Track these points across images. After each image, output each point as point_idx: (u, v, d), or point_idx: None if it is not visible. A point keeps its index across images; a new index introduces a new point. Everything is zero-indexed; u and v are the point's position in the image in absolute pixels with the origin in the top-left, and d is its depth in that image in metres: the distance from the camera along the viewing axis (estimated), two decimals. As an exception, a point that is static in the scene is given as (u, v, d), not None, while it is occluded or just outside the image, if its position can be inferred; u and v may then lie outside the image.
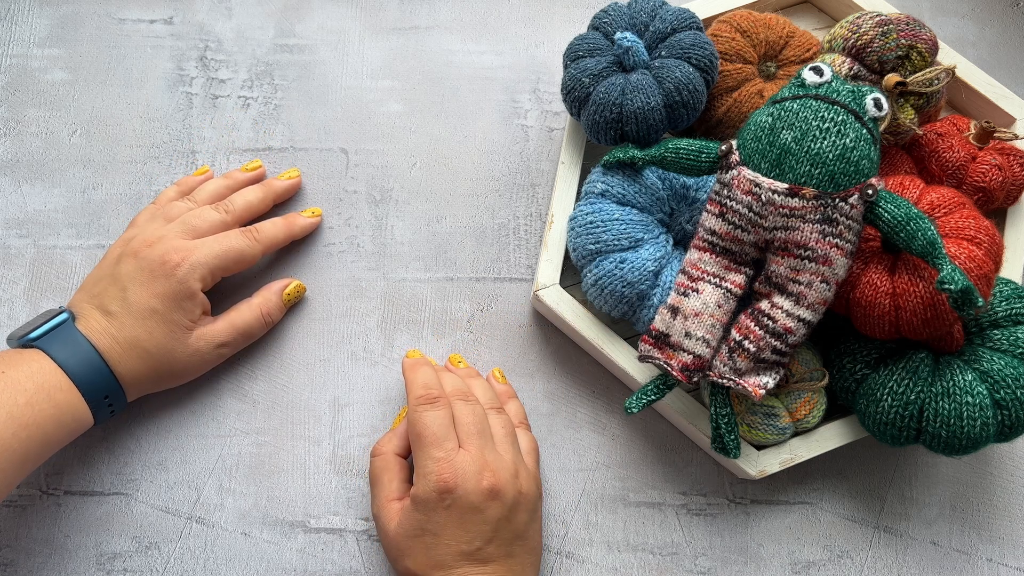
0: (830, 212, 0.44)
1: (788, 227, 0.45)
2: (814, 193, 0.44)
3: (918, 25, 0.54)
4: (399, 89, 0.66)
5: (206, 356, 0.55)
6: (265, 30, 0.67)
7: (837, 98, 0.44)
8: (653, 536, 0.58)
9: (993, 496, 0.60)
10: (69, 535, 0.56)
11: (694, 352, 0.48)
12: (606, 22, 0.56)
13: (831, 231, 0.44)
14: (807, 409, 0.54)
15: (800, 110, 0.44)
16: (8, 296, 0.60)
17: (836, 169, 0.43)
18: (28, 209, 0.62)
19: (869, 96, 0.44)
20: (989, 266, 0.48)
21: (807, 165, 0.43)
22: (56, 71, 0.66)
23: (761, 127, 0.45)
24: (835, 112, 0.44)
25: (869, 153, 0.44)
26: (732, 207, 0.46)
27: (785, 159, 0.44)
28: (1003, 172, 0.55)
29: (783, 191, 0.44)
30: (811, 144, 0.43)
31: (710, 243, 0.48)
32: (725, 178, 0.46)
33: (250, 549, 0.56)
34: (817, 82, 0.45)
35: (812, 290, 0.46)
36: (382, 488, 0.52)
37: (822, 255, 0.45)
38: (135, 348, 0.52)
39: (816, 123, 0.43)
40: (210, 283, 0.55)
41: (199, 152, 0.64)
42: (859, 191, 0.44)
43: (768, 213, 0.45)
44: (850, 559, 0.58)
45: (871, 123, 0.44)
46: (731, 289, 0.48)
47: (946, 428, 0.50)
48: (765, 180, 0.44)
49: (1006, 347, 0.51)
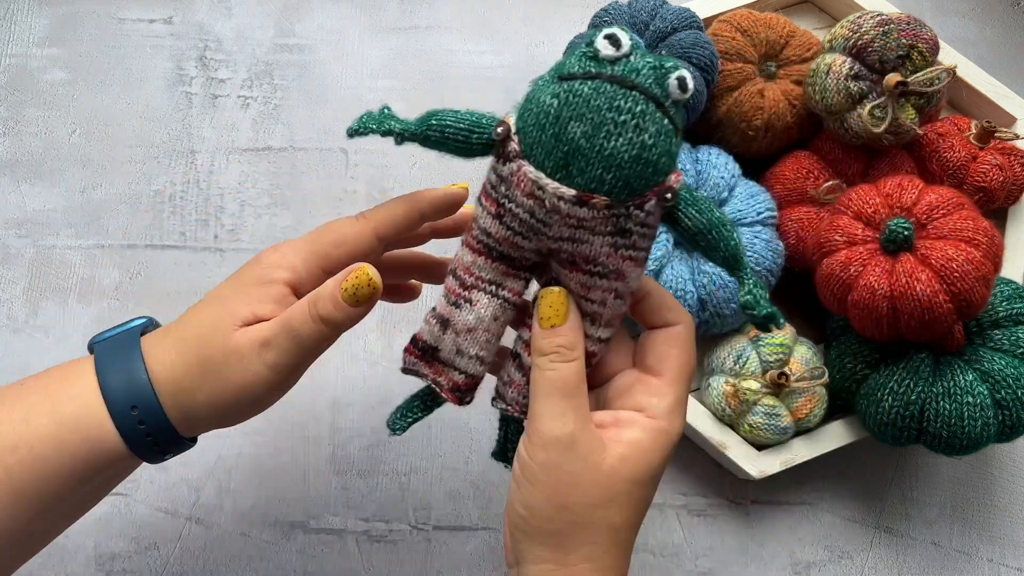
0: (623, 223, 0.36)
1: (576, 239, 0.37)
2: (606, 203, 0.35)
3: (919, 25, 0.54)
4: (399, 89, 0.66)
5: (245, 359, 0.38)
6: (265, 30, 0.67)
7: (637, 80, 0.34)
8: (654, 537, 0.58)
9: (994, 496, 0.60)
10: (70, 535, 0.56)
11: (467, 372, 0.40)
12: (606, 21, 0.56)
13: (624, 243, 0.37)
14: (808, 408, 0.54)
15: (592, 97, 0.34)
16: (7, 296, 0.60)
17: (632, 172, 0.35)
18: (27, 209, 0.62)
19: (673, 75, 0.35)
20: (987, 268, 0.48)
21: (599, 168, 0.35)
22: (56, 71, 0.66)
23: (546, 112, 0.35)
24: (634, 101, 0.34)
25: (670, 148, 0.35)
26: (511, 209, 0.37)
27: (574, 159, 0.35)
28: (1004, 172, 0.55)
29: (571, 199, 0.35)
30: (604, 142, 0.34)
31: (486, 245, 0.39)
32: (503, 171, 0.37)
33: (250, 549, 0.56)
34: (613, 56, 0.35)
35: (607, 308, 0.39)
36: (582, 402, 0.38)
37: (615, 270, 0.37)
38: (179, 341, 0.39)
39: (611, 115, 0.34)
40: (304, 276, 0.40)
41: (198, 152, 0.64)
42: (656, 195, 0.36)
43: (553, 222, 0.36)
44: (851, 559, 0.58)
45: (673, 108, 0.35)
46: (509, 298, 0.40)
47: (947, 428, 0.50)
48: (550, 183, 0.35)
49: (1007, 347, 0.51)
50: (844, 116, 0.54)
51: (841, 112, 0.54)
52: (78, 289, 0.61)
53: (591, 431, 0.37)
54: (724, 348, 0.55)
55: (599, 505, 0.37)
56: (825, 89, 0.53)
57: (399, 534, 0.57)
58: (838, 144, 0.57)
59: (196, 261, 0.62)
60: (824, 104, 0.54)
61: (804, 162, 0.57)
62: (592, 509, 0.37)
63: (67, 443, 0.38)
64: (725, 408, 0.54)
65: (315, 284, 0.39)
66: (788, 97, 0.56)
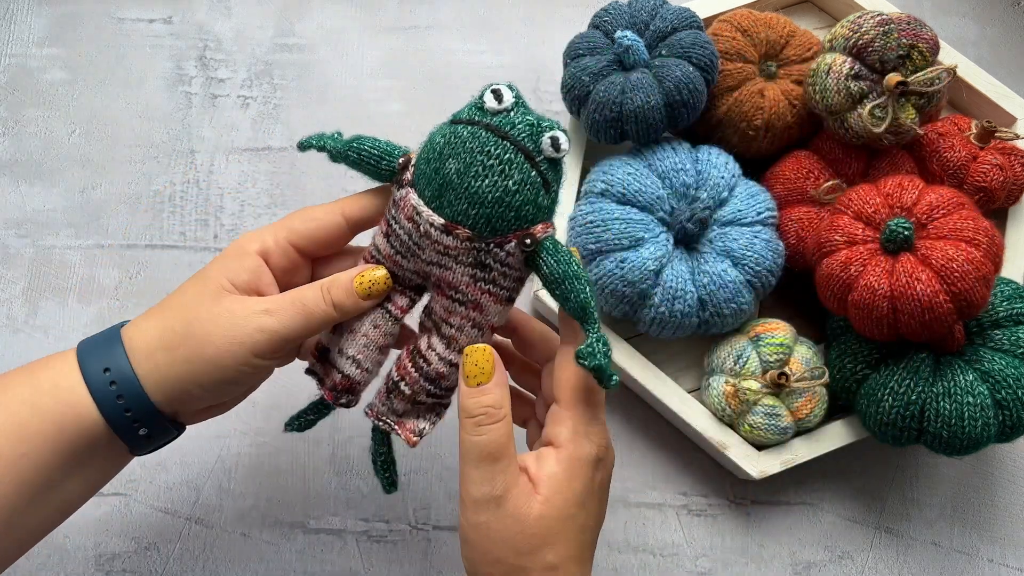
0: (483, 257, 0.40)
1: (442, 264, 0.41)
2: (467, 235, 0.39)
3: (919, 25, 0.54)
4: (399, 89, 0.66)
5: (239, 320, 0.39)
6: (265, 30, 0.67)
7: (510, 131, 0.38)
8: (653, 537, 0.58)
9: (994, 496, 0.60)
10: (69, 535, 0.56)
11: (343, 371, 0.44)
12: (607, 21, 0.56)
13: (483, 276, 0.40)
14: (808, 408, 0.54)
15: (468, 139, 0.38)
16: (7, 296, 0.60)
17: (494, 212, 0.39)
18: (27, 209, 0.62)
19: (546, 134, 0.39)
20: (988, 267, 0.48)
21: (465, 203, 0.39)
22: (55, 71, 0.66)
23: (433, 148, 0.40)
24: (503, 148, 0.38)
25: (535, 199, 0.39)
26: (396, 230, 0.41)
27: (446, 191, 0.39)
28: (1004, 172, 0.55)
29: (439, 226, 0.39)
30: (473, 180, 0.38)
31: (376, 261, 0.43)
32: (396, 195, 0.41)
33: (250, 550, 0.56)
34: (494, 108, 0.39)
35: (463, 334, 0.42)
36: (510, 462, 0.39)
37: (472, 300, 0.41)
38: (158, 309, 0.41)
39: (481, 158, 0.38)
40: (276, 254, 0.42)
41: (198, 152, 0.64)
42: (517, 239, 0.39)
43: (426, 246, 0.40)
44: (851, 560, 0.58)
45: (545, 164, 0.39)
46: (391, 310, 0.43)
47: (947, 428, 0.50)
48: (425, 210, 0.39)
49: (1007, 347, 0.51)
50: (844, 116, 0.54)
51: (841, 112, 0.54)
52: (78, 289, 0.61)
53: (519, 485, 0.39)
54: (724, 348, 0.55)
55: (531, 552, 0.38)
56: (825, 89, 0.53)
57: (399, 534, 0.57)
58: (838, 144, 0.57)
59: (196, 261, 0.62)
60: (824, 104, 0.54)
61: (804, 162, 0.57)
62: (524, 558, 0.38)
63: (41, 407, 0.38)
64: (725, 408, 0.54)
65: (284, 255, 0.42)
66: (788, 97, 0.56)
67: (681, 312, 0.53)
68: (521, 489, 0.39)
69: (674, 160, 0.55)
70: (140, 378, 0.39)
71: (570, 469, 0.39)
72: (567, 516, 0.39)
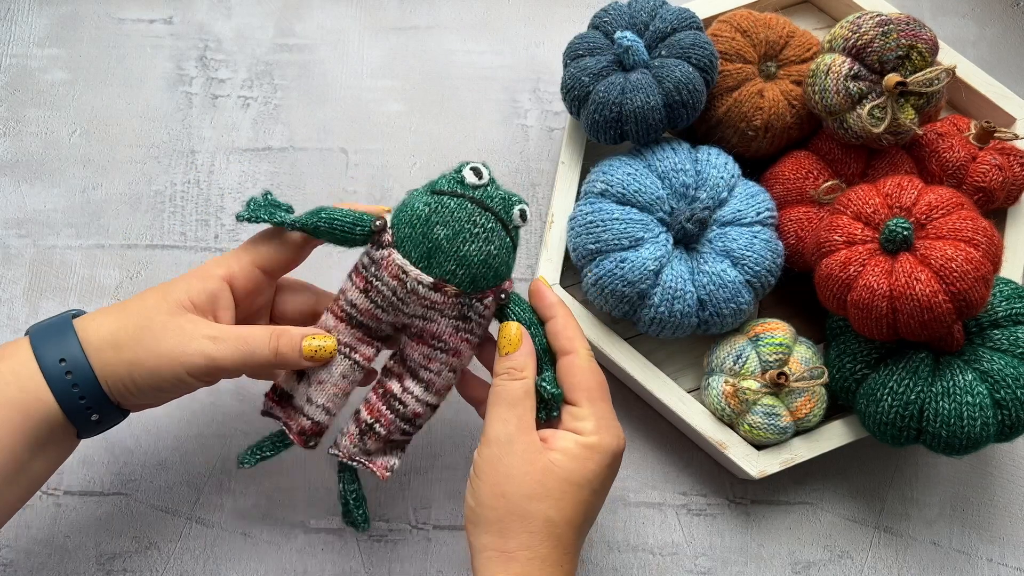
0: (466, 310, 0.46)
1: (427, 317, 0.47)
2: (456, 292, 0.45)
3: (918, 25, 0.54)
4: (399, 89, 0.66)
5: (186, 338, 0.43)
6: (265, 30, 0.67)
7: (490, 204, 0.46)
8: (653, 536, 0.58)
9: (993, 496, 0.60)
10: (69, 535, 0.56)
11: (313, 418, 0.48)
12: (606, 21, 0.56)
13: (464, 327, 0.47)
14: (808, 408, 0.54)
15: (456, 210, 0.45)
16: (8, 296, 0.60)
17: (478, 272, 0.45)
18: (28, 209, 0.62)
19: (516, 207, 0.46)
20: (987, 267, 0.48)
21: (454, 264, 0.45)
22: (56, 71, 0.66)
23: (418, 216, 0.45)
24: (486, 219, 0.45)
25: (508, 260, 0.47)
26: (377, 286, 0.46)
27: (435, 254, 0.45)
28: (1003, 172, 0.55)
29: (428, 284, 0.45)
30: (461, 245, 0.45)
31: (348, 314, 0.47)
32: (375, 255, 0.46)
33: (250, 549, 0.56)
34: (475, 183, 0.46)
35: (441, 378, 0.48)
36: (525, 411, 0.45)
37: (453, 348, 0.47)
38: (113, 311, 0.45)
39: (468, 226, 0.45)
40: (241, 278, 0.46)
41: (199, 152, 0.64)
42: (494, 294, 0.47)
43: (411, 301, 0.46)
44: (850, 559, 0.58)
45: (514, 231, 0.47)
46: (359, 361, 0.48)
47: (946, 428, 0.50)
48: (413, 270, 0.45)
49: (1006, 347, 0.51)
50: (843, 116, 0.54)
51: (841, 112, 0.54)
52: (78, 289, 0.61)
53: (530, 436, 0.44)
54: (724, 348, 0.55)
55: (533, 496, 0.42)
56: (825, 89, 0.53)
57: (399, 534, 0.57)
58: (837, 144, 0.57)
59: (196, 261, 0.62)
60: (824, 104, 0.54)
61: (803, 162, 0.57)
62: (527, 500, 0.42)
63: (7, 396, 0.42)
64: (725, 408, 0.54)
65: (247, 277, 0.47)
66: (788, 97, 0.56)
67: (681, 312, 0.53)
68: (533, 440, 0.44)
69: (674, 160, 0.55)
70: (95, 370, 0.43)
71: (586, 451, 0.43)
72: (573, 483, 0.43)
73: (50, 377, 0.42)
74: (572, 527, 0.43)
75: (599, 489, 0.44)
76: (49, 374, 0.42)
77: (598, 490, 0.44)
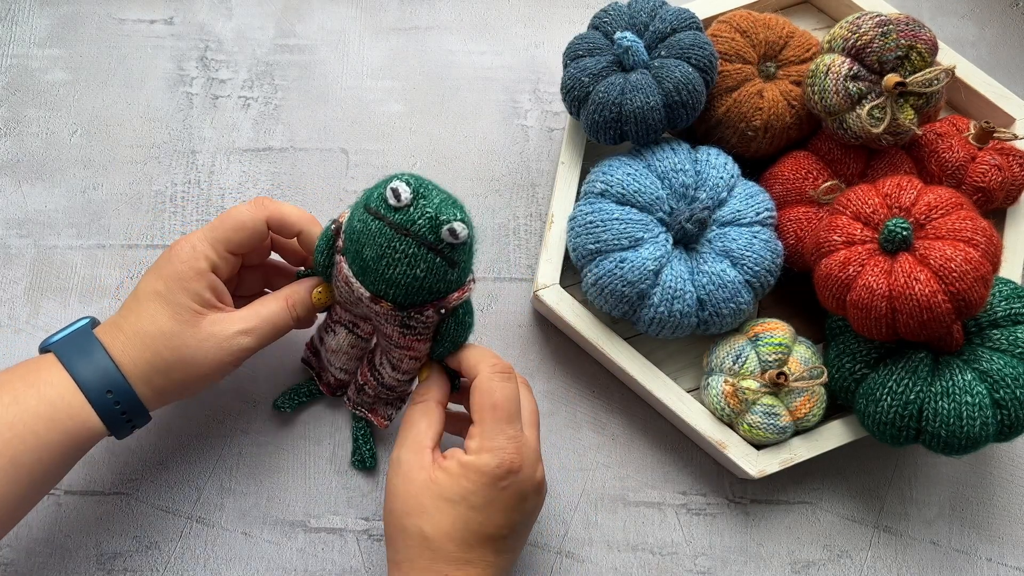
0: (407, 320, 0.48)
1: (377, 321, 0.49)
2: (390, 307, 0.47)
3: (918, 25, 0.54)
4: (399, 89, 0.66)
5: (223, 342, 0.48)
6: (265, 30, 0.67)
7: (412, 228, 0.44)
8: (653, 536, 0.58)
9: (993, 496, 0.60)
10: (69, 535, 0.56)
11: (335, 376, 0.56)
12: (606, 22, 0.57)
13: (409, 331, 0.48)
14: (807, 408, 0.54)
15: (378, 234, 0.45)
16: (8, 296, 0.61)
17: (408, 292, 0.46)
18: (28, 209, 0.62)
19: (445, 227, 0.44)
20: (986, 267, 0.48)
21: (383, 284, 0.46)
22: (56, 71, 0.66)
23: (352, 230, 0.47)
24: (407, 245, 0.44)
25: (445, 276, 0.46)
26: (338, 285, 0.49)
27: (367, 272, 0.46)
28: (1002, 172, 0.55)
29: (367, 298, 0.47)
30: (386, 269, 0.45)
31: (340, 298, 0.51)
32: (336, 259, 0.49)
33: (250, 549, 0.57)
34: (396, 206, 0.44)
35: (404, 363, 0.51)
36: (418, 432, 0.48)
37: (404, 345, 0.49)
38: (139, 336, 0.47)
39: (390, 252, 0.45)
40: (220, 264, 0.49)
41: (199, 152, 0.64)
42: (433, 307, 0.47)
43: (360, 305, 0.49)
44: (850, 559, 0.58)
45: (448, 249, 0.45)
46: (361, 335, 0.53)
47: (945, 428, 0.50)
48: (355, 282, 0.47)
49: (1005, 347, 0.51)
50: (843, 116, 0.54)
51: (840, 112, 0.54)
52: (79, 289, 0.61)
53: (418, 455, 0.47)
54: (723, 348, 0.56)
55: (410, 513, 0.46)
56: (824, 90, 0.53)
57: (399, 533, 0.57)
58: (837, 144, 0.57)
59: (197, 261, 0.62)
60: (823, 105, 0.54)
61: (803, 162, 0.57)
62: (405, 516, 0.46)
63: (58, 421, 0.45)
64: (724, 407, 0.54)
65: (227, 265, 0.50)
66: (787, 97, 0.56)
67: (680, 312, 0.53)
68: (419, 459, 0.47)
69: (673, 160, 0.55)
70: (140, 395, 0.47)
71: (463, 469, 0.46)
72: (446, 499, 0.45)
73: (97, 405, 0.46)
74: (451, 540, 0.45)
75: (479, 505, 0.45)
76: (96, 402, 0.46)
77: (478, 506, 0.45)
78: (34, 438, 0.44)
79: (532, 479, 0.47)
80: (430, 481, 0.46)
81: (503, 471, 0.46)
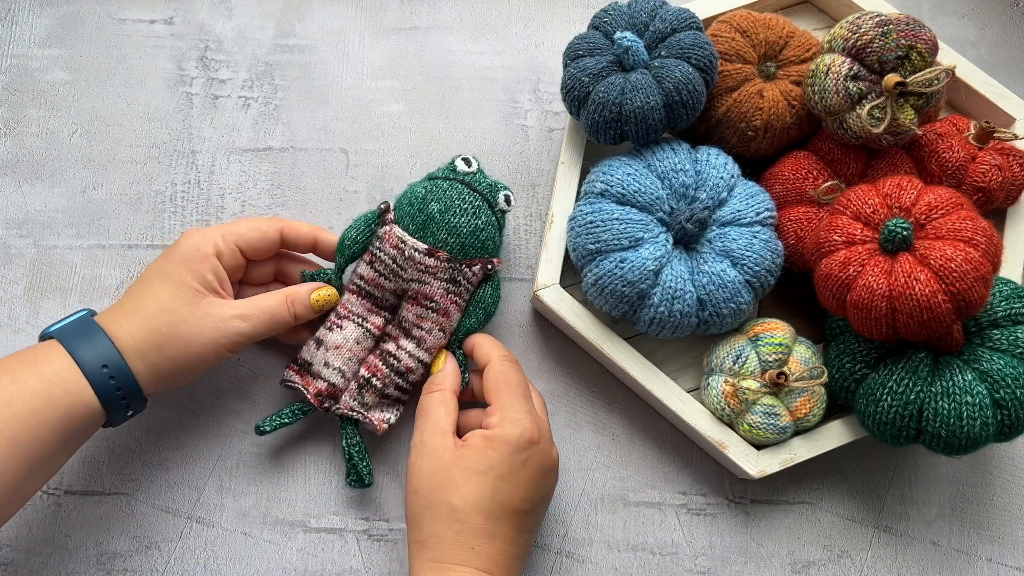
0: (456, 274, 0.54)
1: (422, 281, 0.54)
2: (447, 257, 0.53)
3: (918, 25, 0.54)
4: (399, 89, 0.66)
5: (220, 323, 0.50)
6: (265, 30, 0.67)
7: (478, 187, 0.54)
8: (653, 536, 0.58)
9: (993, 496, 0.60)
10: (69, 535, 0.56)
11: (329, 380, 0.55)
12: (606, 22, 0.56)
13: (453, 290, 0.54)
14: (807, 408, 0.54)
15: (448, 189, 0.54)
16: (8, 296, 0.61)
17: (467, 242, 0.53)
18: (28, 209, 0.62)
19: (502, 192, 0.56)
20: (986, 267, 0.48)
21: (445, 233, 0.53)
22: (56, 71, 0.66)
23: (416, 196, 0.54)
24: (474, 197, 0.54)
25: (494, 236, 0.55)
26: (380, 257, 0.54)
27: (429, 225, 0.53)
28: (1003, 172, 0.55)
29: (423, 250, 0.53)
30: (451, 218, 0.53)
31: (358, 287, 0.55)
32: (379, 231, 0.55)
33: (250, 549, 0.57)
34: (466, 171, 0.55)
35: (431, 336, 0.55)
36: (439, 418, 0.51)
37: (443, 308, 0.54)
38: (138, 311, 0.49)
39: (458, 202, 0.53)
40: (227, 255, 0.52)
41: (199, 152, 0.64)
42: (482, 264, 0.55)
43: (408, 267, 0.53)
44: (850, 559, 0.58)
45: (499, 214, 0.56)
46: (370, 329, 0.55)
47: (946, 428, 0.50)
48: (410, 239, 0.53)
49: (1005, 347, 0.51)
50: (843, 116, 0.54)
51: (840, 112, 0.54)
52: (79, 289, 0.61)
53: (442, 438, 0.49)
54: (723, 348, 0.56)
55: (437, 488, 0.47)
56: (824, 90, 0.53)
57: (399, 533, 0.57)
58: (837, 144, 0.57)
59: (197, 261, 0.62)
60: (823, 105, 0.54)
61: (803, 162, 0.57)
62: (432, 492, 0.48)
63: (54, 397, 0.45)
64: (724, 407, 0.54)
65: (232, 256, 0.52)
66: (787, 97, 0.56)
67: (680, 312, 0.53)
68: (443, 441, 0.49)
69: (673, 160, 0.55)
70: (135, 373, 0.48)
71: (488, 440, 0.48)
72: (474, 471, 0.47)
73: (94, 380, 0.47)
74: (478, 511, 0.47)
75: (506, 475, 0.48)
76: (93, 378, 0.47)
77: (504, 475, 0.48)
78: (32, 416, 0.45)
79: (549, 454, 0.50)
80: (457, 457, 0.48)
81: (525, 440, 0.49)
